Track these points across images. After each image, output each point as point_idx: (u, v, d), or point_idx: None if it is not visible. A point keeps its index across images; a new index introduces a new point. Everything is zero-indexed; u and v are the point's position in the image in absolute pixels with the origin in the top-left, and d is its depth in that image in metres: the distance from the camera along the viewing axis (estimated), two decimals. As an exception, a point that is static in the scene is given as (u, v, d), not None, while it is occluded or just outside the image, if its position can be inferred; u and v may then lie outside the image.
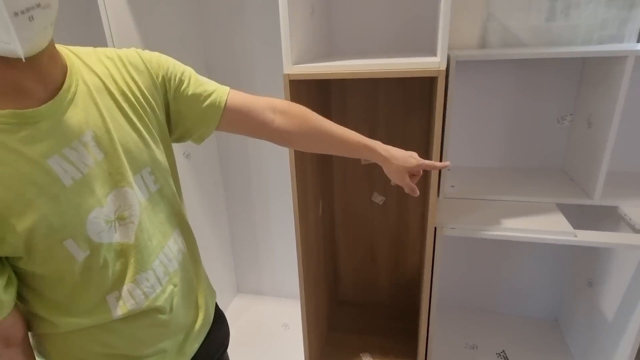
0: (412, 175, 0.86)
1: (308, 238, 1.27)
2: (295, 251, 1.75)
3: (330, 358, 1.51)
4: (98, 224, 0.56)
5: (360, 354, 1.51)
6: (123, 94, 0.61)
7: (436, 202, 1.10)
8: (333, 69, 0.99)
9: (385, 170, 0.86)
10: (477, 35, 1.35)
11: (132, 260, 0.61)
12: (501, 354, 1.51)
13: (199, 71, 0.76)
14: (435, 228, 1.13)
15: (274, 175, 1.70)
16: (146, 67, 0.65)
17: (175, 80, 0.68)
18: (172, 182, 0.69)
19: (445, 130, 1.19)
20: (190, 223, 0.77)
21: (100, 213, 0.56)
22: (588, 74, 1.27)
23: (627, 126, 1.31)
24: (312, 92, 1.24)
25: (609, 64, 1.13)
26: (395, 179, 0.86)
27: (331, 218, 1.65)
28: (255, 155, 1.69)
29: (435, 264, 1.18)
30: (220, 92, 0.72)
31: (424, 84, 1.38)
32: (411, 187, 0.86)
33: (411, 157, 0.84)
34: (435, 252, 1.16)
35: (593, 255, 1.37)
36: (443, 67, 0.93)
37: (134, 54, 0.65)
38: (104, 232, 0.57)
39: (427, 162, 0.85)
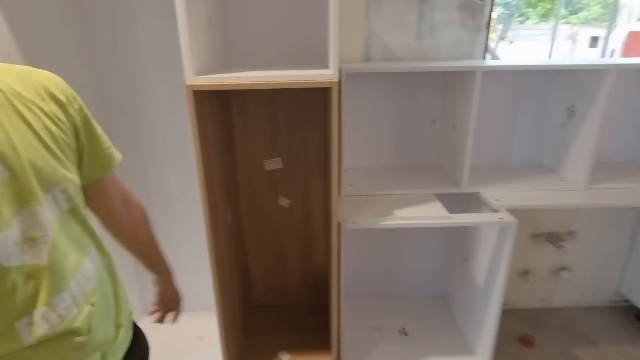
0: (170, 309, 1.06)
1: (219, 246, 1.29)
2: (204, 262, 1.75)
3: (248, 362, 1.54)
4: (7, 246, 0.53)
5: (278, 354, 1.57)
6: (31, 110, 0.58)
7: (338, 200, 1.23)
8: (235, 80, 1.05)
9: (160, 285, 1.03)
10: (362, 50, 1.53)
11: (45, 283, 0.58)
12: (402, 331, 1.70)
13: (88, 85, 0.76)
14: (339, 223, 1.25)
15: (175, 185, 1.67)
16: (64, 93, 0.64)
17: (85, 112, 0.68)
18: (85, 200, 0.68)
19: (341, 135, 1.33)
20: None
21: (8, 235, 0.53)
22: (449, 85, 1.54)
23: (482, 127, 1.61)
24: (214, 103, 1.27)
25: (464, 76, 1.38)
26: (159, 296, 1.05)
27: (239, 224, 1.68)
28: (153, 165, 1.64)
29: (341, 257, 1.30)
30: (116, 151, 0.77)
31: (318, 94, 1.51)
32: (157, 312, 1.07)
33: (164, 298, 1.06)
34: (340, 246, 1.28)
35: (466, 235, 1.64)
36: (335, 78, 1.05)
37: (52, 77, 0.64)
38: (13, 254, 0.54)
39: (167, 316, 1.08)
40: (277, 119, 1.54)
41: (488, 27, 1.53)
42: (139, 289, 1.82)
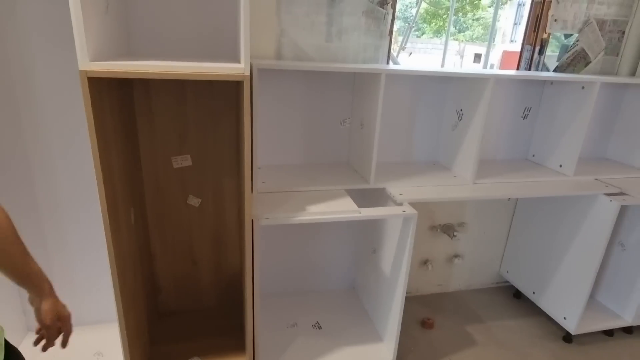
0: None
1: (121, 250, 1.19)
2: (102, 271, 1.60)
3: (155, 373, 1.44)
4: None
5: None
6: None
7: (251, 197, 1.21)
8: (138, 68, 0.98)
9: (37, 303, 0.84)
10: (274, 48, 1.53)
11: None
12: (315, 325, 1.74)
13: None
14: (253, 220, 1.24)
15: (69, 186, 1.49)
16: None
17: None
18: None
19: (253, 132, 1.32)
20: None
21: None
22: (357, 86, 1.62)
23: (386, 127, 1.73)
24: (114, 93, 1.17)
25: (370, 79, 1.47)
26: (40, 316, 0.85)
27: (144, 225, 1.56)
28: (41, 164, 1.45)
29: (255, 254, 1.28)
30: None
31: (230, 90, 1.47)
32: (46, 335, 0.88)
33: (46, 317, 0.84)
34: (254, 243, 1.26)
35: (374, 228, 1.74)
36: (247, 72, 1.04)
37: None
38: None
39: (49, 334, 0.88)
40: (186, 114, 1.47)
41: (391, 34, 1.64)
42: (21, 302, 1.59)
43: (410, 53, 8.71)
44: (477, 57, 12.27)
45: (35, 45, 1.31)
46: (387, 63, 1.70)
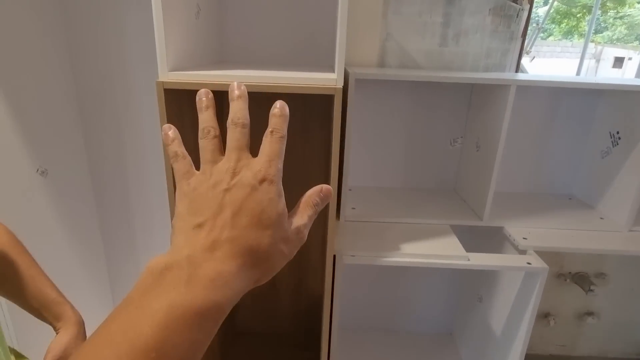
0: None
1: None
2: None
3: (223, 402, 1.35)
4: None
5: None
6: None
7: (335, 228, 1.03)
8: (214, 79, 0.86)
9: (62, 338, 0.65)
10: (377, 55, 1.33)
11: None
12: (401, 376, 1.49)
13: (61, 69, 0.57)
14: (335, 256, 1.05)
15: (160, 190, 1.49)
16: None
17: None
18: None
19: (345, 149, 1.14)
20: (50, 261, 0.54)
21: None
22: (476, 99, 1.33)
23: (508, 150, 1.40)
24: (194, 105, 1.08)
25: (495, 91, 1.18)
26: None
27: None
28: (134, 166, 1.46)
29: (335, 291, 1.10)
30: None
31: (324, 101, 1.31)
32: None
33: (47, 355, 0.63)
34: (335, 280, 1.08)
35: (482, 274, 1.43)
36: (340, 84, 0.86)
37: None
38: None
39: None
40: (275, 126, 1.35)
41: (524, 36, 1.32)
42: (112, 300, 1.64)
43: (533, 57, 7.74)
44: (619, 60, 10.47)
45: (135, 49, 1.31)
46: (517, 71, 1.37)
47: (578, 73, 3.83)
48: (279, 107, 0.40)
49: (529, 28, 1.35)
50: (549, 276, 1.62)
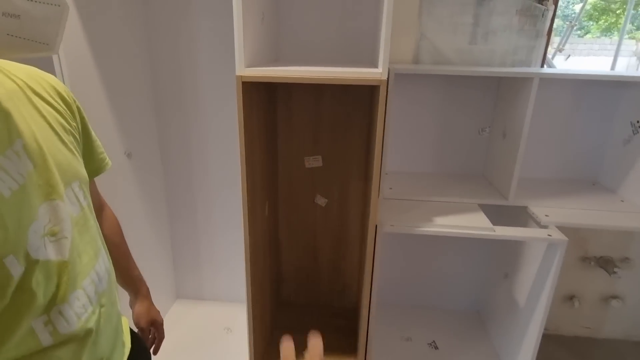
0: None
1: (255, 239, 1.30)
2: (238, 253, 1.78)
3: (273, 358, 1.54)
4: (36, 239, 0.52)
5: (303, 352, 1.56)
6: (43, 105, 0.59)
7: (377, 202, 1.20)
8: (286, 73, 1.05)
9: (137, 305, 0.94)
10: (412, 52, 1.49)
11: (64, 279, 0.56)
12: (432, 344, 1.64)
13: (143, 68, 0.77)
14: (376, 226, 1.22)
15: (218, 174, 1.71)
16: (68, 94, 0.65)
17: (83, 114, 0.69)
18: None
19: (385, 137, 1.30)
20: (130, 225, 0.76)
21: (37, 227, 0.52)
22: (503, 92, 1.47)
23: (534, 138, 1.53)
24: (262, 96, 1.28)
25: (519, 84, 1.32)
26: (138, 318, 0.93)
27: (275, 219, 1.69)
28: (199, 153, 1.69)
29: (376, 261, 1.27)
30: (107, 157, 0.77)
31: (363, 94, 1.49)
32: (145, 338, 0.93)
33: (141, 319, 0.92)
34: (375, 249, 1.25)
35: (508, 250, 1.56)
36: (384, 77, 1.03)
37: (57, 80, 0.65)
38: (41, 248, 0.53)
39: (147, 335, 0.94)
40: (321, 116, 1.54)
41: (549, 33, 1.45)
42: (173, 270, 1.88)
43: (569, 56, 7.59)
44: (661, 58, 10.05)
45: (204, 53, 1.53)
46: (542, 66, 1.50)
47: (613, 68, 3.80)
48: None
49: (564, 25, 1.46)
50: (574, 259, 1.74)
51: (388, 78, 1.20)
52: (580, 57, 9.79)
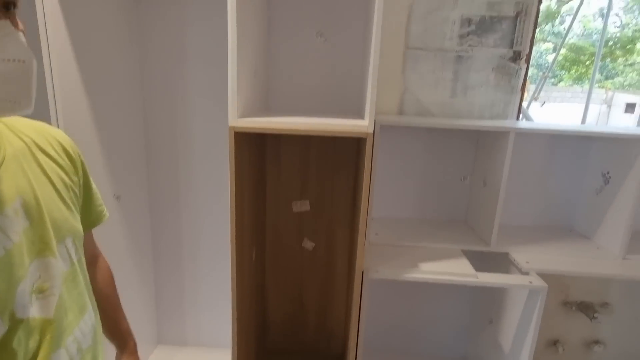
0: None
1: (242, 285, 1.30)
2: (223, 297, 1.76)
3: (257, 408, 1.49)
4: (24, 297, 0.52)
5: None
6: (47, 162, 0.61)
7: (364, 249, 1.23)
8: (276, 125, 1.10)
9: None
10: (396, 104, 1.58)
11: (47, 338, 0.55)
12: (419, 393, 1.62)
13: (137, 112, 0.81)
14: (363, 272, 1.24)
15: (206, 219, 1.71)
16: (73, 150, 0.68)
17: (85, 168, 0.71)
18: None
19: (371, 185, 1.35)
20: (113, 267, 0.76)
21: (25, 285, 0.53)
22: (482, 143, 1.55)
23: (513, 187, 1.60)
24: (252, 144, 1.33)
25: (497, 136, 1.40)
26: None
27: (262, 263, 1.69)
28: (187, 198, 1.70)
29: (362, 307, 1.28)
30: (105, 209, 0.77)
31: (351, 142, 1.55)
32: None
33: None
34: (362, 294, 1.26)
35: (492, 296, 1.58)
36: (371, 130, 1.09)
37: (64, 135, 0.68)
38: (27, 306, 0.52)
39: None
40: (309, 162, 1.59)
41: (523, 89, 1.56)
42: (156, 313, 1.83)
43: (544, 102, 8.00)
44: (630, 106, 10.66)
45: (194, 99, 1.58)
46: (518, 119, 1.60)
47: (584, 119, 4.04)
48: None
49: (536, 74, 1.58)
50: (555, 303, 1.77)
51: (374, 130, 1.27)
52: (555, 104, 10.33)
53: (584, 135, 1.50)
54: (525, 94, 1.68)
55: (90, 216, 0.74)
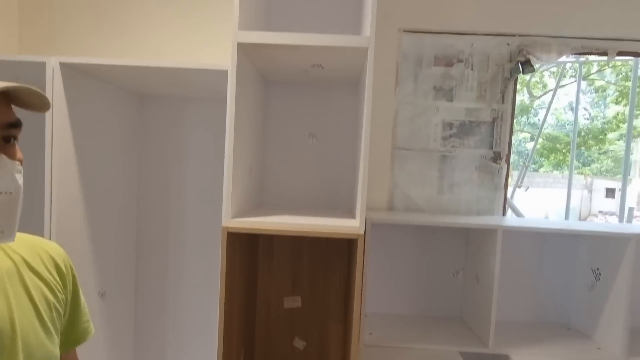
0: None
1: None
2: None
3: None
4: None
5: None
6: (34, 281, 0.61)
7: (358, 352, 1.17)
8: (268, 225, 1.12)
9: None
10: (386, 200, 1.63)
11: None
12: None
13: (130, 213, 0.82)
14: (356, 379, 1.17)
15: (195, 320, 1.64)
16: (65, 265, 0.68)
17: (77, 283, 0.71)
18: None
19: (363, 282, 1.34)
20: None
21: None
22: (471, 239, 1.57)
23: (506, 283, 1.58)
24: (244, 240, 1.33)
25: (485, 233, 1.43)
26: None
27: (250, 366, 1.58)
28: (175, 298, 1.64)
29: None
30: (91, 325, 0.76)
31: (342, 240, 1.56)
32: None
33: None
34: (356, 406, 1.17)
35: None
36: (362, 231, 1.11)
37: (58, 249, 0.69)
38: None
39: None
40: (301, 258, 1.58)
41: (506, 187, 1.63)
42: None
43: (527, 188, 8.28)
44: (610, 191, 11.08)
45: (188, 196, 1.62)
46: (503, 214, 1.64)
47: (567, 205, 4.19)
48: None
49: (517, 160, 1.65)
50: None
51: (365, 229, 1.29)
52: (538, 189, 10.70)
53: (569, 233, 1.54)
54: (510, 179, 1.75)
55: (73, 334, 0.72)
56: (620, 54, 1.58)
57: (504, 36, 1.57)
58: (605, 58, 1.59)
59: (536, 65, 1.55)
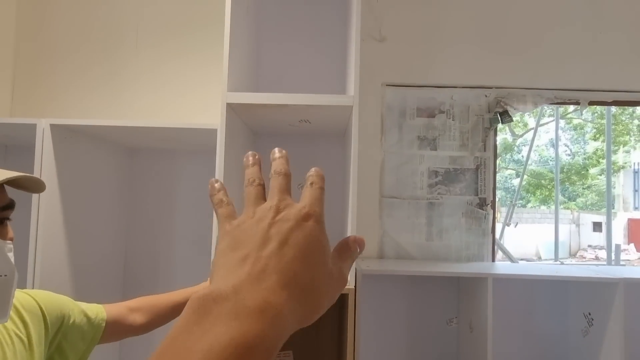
0: None
1: None
2: None
3: None
4: None
5: None
6: (8, 342, 0.61)
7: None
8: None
9: None
10: (376, 248, 1.63)
11: None
12: None
13: (116, 260, 0.82)
14: None
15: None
16: (40, 309, 0.69)
17: (66, 317, 0.73)
18: None
19: (355, 336, 1.31)
20: None
21: None
22: (463, 286, 1.57)
23: (500, 329, 1.57)
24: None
25: (476, 280, 1.43)
26: None
27: None
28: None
29: None
30: (99, 310, 0.80)
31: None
32: None
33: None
34: None
35: None
36: (352, 285, 1.10)
37: (29, 299, 0.69)
38: None
39: None
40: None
41: (493, 232, 1.65)
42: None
43: (517, 224, 8.36)
44: (597, 225, 11.23)
45: (178, 250, 1.60)
46: (493, 259, 1.65)
47: (556, 243, 4.22)
48: (315, 170, 0.39)
49: (504, 196, 1.67)
50: None
51: (355, 278, 1.29)
52: (527, 224, 10.79)
53: (558, 279, 1.55)
54: (498, 215, 1.77)
55: (92, 330, 0.75)
56: (591, 103, 1.67)
57: (482, 88, 1.65)
58: (579, 106, 1.67)
59: (514, 116, 1.62)
